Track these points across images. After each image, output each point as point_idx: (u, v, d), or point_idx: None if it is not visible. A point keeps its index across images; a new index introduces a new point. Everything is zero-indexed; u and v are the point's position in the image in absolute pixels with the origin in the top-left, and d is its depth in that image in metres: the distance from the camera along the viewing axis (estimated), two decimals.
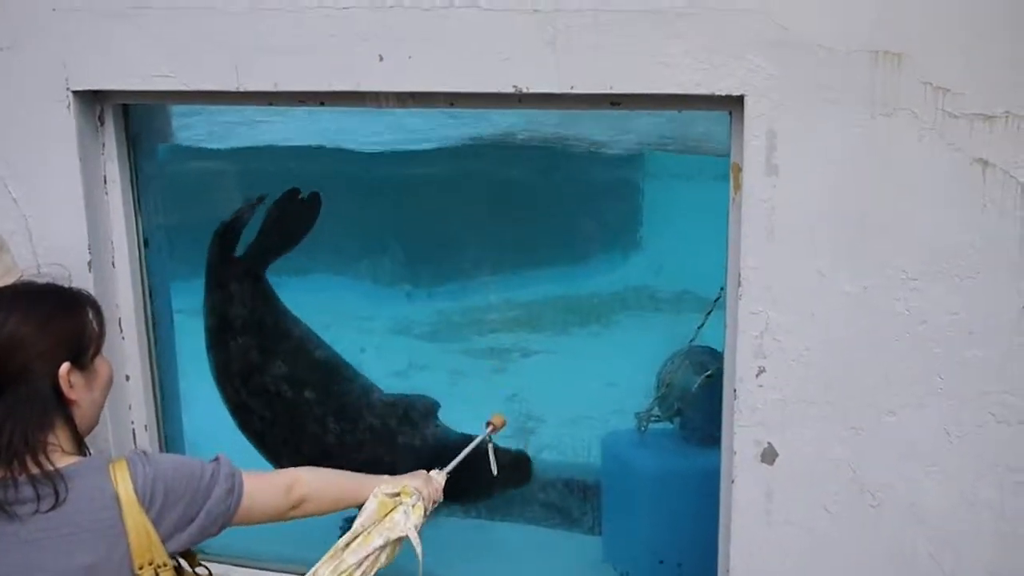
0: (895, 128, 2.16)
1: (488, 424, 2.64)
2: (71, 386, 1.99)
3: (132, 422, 2.97)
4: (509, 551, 4.05)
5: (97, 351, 2.08)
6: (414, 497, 2.34)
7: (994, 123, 2.11)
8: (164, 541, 2.00)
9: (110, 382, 2.14)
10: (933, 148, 2.15)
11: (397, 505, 2.32)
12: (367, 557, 2.26)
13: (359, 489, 2.35)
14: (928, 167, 2.16)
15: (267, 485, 2.20)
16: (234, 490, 2.10)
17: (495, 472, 2.59)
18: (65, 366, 1.98)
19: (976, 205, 2.16)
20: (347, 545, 2.27)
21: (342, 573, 2.24)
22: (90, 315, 2.08)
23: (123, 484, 1.96)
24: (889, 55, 2.12)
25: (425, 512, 2.37)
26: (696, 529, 2.83)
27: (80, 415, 2.04)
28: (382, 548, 2.28)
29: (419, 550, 2.31)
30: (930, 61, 2.11)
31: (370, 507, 2.31)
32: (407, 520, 2.30)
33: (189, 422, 3.31)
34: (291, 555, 3.06)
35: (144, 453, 2.06)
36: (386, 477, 2.39)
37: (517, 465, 4.03)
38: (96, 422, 2.12)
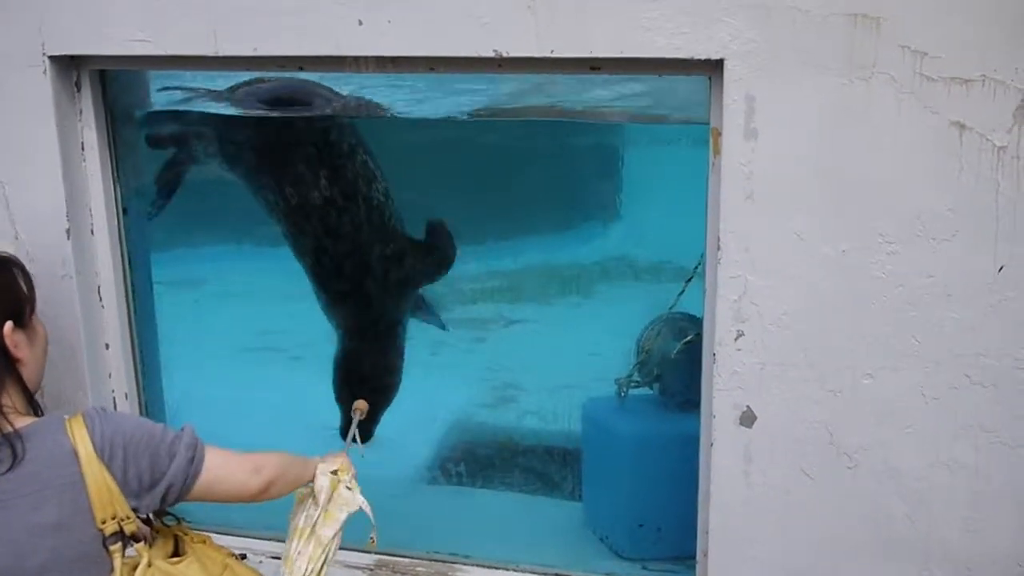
0: (873, 91, 2.17)
1: (355, 410, 2.72)
2: (16, 345, 2.05)
3: (112, 391, 2.96)
4: (490, 518, 4.08)
5: (32, 310, 2.14)
6: (349, 475, 2.43)
7: (971, 87, 2.12)
8: (128, 497, 2.02)
9: (47, 340, 2.21)
10: (910, 111, 2.16)
11: (338, 483, 2.40)
12: (337, 532, 2.37)
13: (304, 469, 2.38)
14: (905, 130, 2.17)
15: (232, 462, 2.18)
16: (194, 460, 2.10)
17: (359, 443, 2.64)
18: (8, 325, 2.03)
19: (953, 168, 2.17)
20: (312, 524, 2.35)
21: (325, 547, 2.34)
22: (18, 276, 2.14)
23: (81, 439, 1.98)
24: (867, 18, 2.13)
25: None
26: (675, 493, 2.86)
27: (27, 374, 2.10)
28: (344, 522, 2.38)
29: (373, 519, 2.44)
30: (908, 24, 2.12)
31: (323, 484, 2.37)
32: (354, 495, 2.40)
33: (170, 391, 3.30)
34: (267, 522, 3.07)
35: (103, 409, 2.08)
36: (317, 458, 2.44)
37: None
38: (41, 379, 2.19)
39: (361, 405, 2.67)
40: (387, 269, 4.07)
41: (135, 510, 2.06)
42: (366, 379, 4.13)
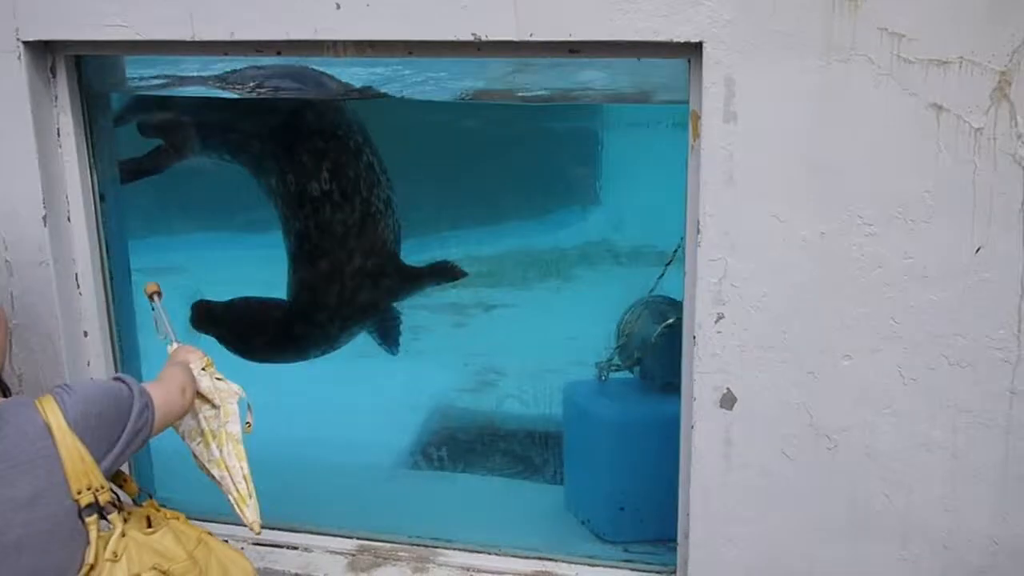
0: (851, 74, 2.17)
1: (152, 295, 2.63)
2: None
3: (91, 379, 2.94)
4: (472, 502, 4.08)
5: None
6: (212, 366, 2.50)
7: (948, 68, 2.13)
8: (101, 460, 2.05)
9: (7, 323, 2.26)
10: (888, 93, 2.17)
11: (211, 376, 2.48)
12: (240, 426, 2.46)
13: (189, 374, 2.42)
14: (884, 112, 2.18)
15: (166, 390, 2.28)
16: (148, 404, 2.17)
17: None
18: None
19: (931, 150, 2.18)
20: (220, 424, 2.44)
21: (242, 441, 2.44)
22: None
23: (53, 414, 2.01)
24: (846, 1, 2.14)
25: None
26: (656, 476, 2.87)
27: None
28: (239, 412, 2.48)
29: (250, 403, 2.48)
30: (885, 7, 2.13)
31: (208, 384, 2.45)
32: (229, 384, 2.49)
33: (149, 378, 3.28)
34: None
35: (66, 385, 2.10)
36: (179, 360, 2.47)
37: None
38: (4, 360, 2.21)
39: (152, 287, 2.61)
40: (364, 280, 4.06)
41: (109, 469, 2.09)
42: (271, 330, 4.16)
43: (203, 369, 2.47)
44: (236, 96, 3.74)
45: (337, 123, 4.00)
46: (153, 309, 2.60)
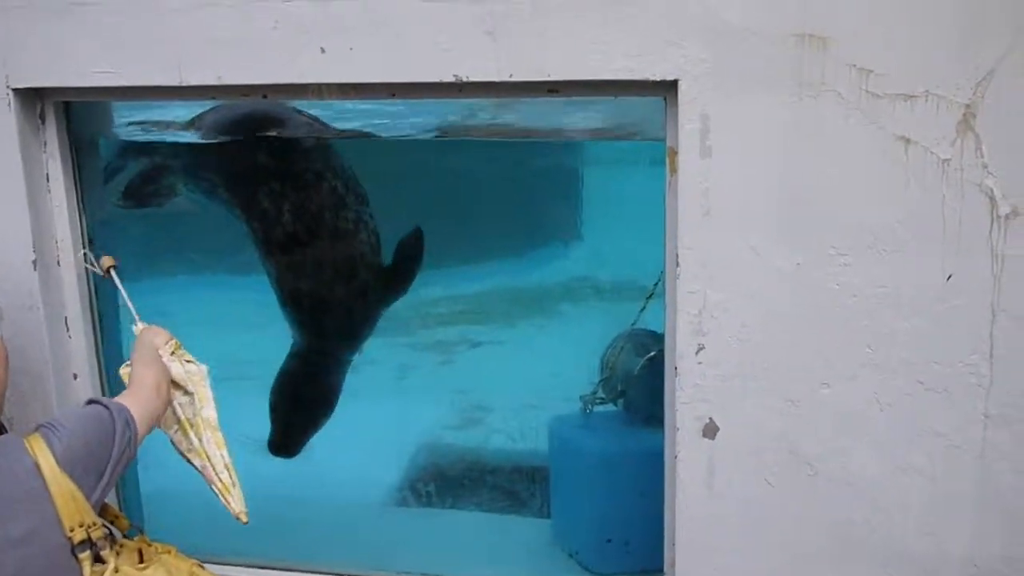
0: (822, 109, 2.24)
1: (107, 268, 2.64)
2: None
3: (72, 409, 2.95)
4: (460, 537, 4.09)
5: None
6: (180, 348, 2.49)
7: (915, 102, 2.20)
8: (89, 497, 2.07)
9: (7, 360, 2.27)
10: (858, 127, 2.23)
11: (180, 359, 2.46)
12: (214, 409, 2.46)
13: (160, 362, 2.42)
14: (854, 146, 2.24)
15: (144, 398, 2.28)
16: (129, 422, 2.18)
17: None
18: None
19: (900, 181, 2.24)
20: (194, 412, 2.42)
21: (218, 428, 2.44)
22: None
23: (41, 453, 2.03)
24: (815, 39, 2.20)
25: None
26: (642, 507, 2.89)
27: None
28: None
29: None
30: (854, 44, 2.19)
31: (179, 370, 2.44)
32: (199, 365, 2.48)
33: None
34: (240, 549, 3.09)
35: (50, 423, 2.11)
36: (146, 347, 2.45)
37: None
38: (3, 397, 2.24)
39: (108, 261, 2.62)
40: (349, 297, 4.11)
41: (101, 497, 2.10)
42: (309, 392, 4.18)
43: (172, 354, 2.44)
44: (208, 141, 3.79)
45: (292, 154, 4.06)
46: (113, 285, 2.59)
